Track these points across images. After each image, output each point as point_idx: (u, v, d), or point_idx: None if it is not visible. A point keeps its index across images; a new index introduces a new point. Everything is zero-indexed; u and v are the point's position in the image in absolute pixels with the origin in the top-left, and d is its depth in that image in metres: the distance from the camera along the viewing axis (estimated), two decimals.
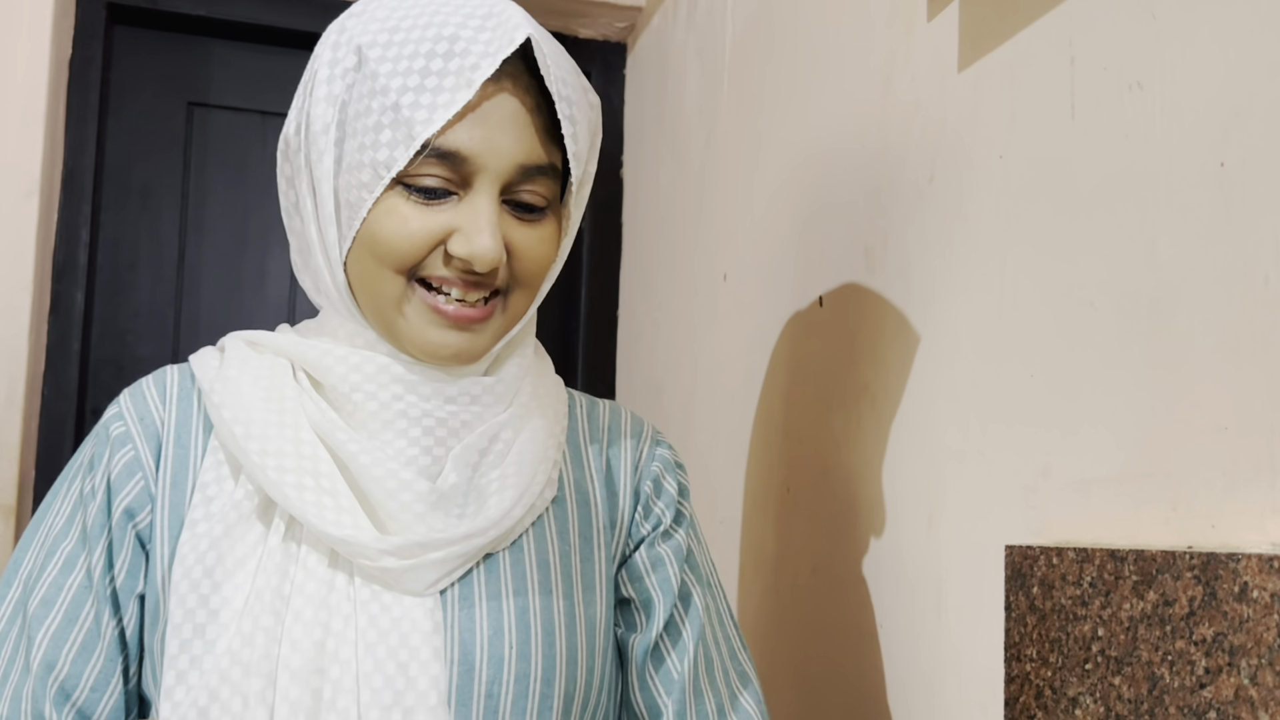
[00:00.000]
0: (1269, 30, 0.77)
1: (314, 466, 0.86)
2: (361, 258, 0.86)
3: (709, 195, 1.79)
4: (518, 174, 0.86)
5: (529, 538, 0.92)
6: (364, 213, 0.85)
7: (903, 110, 1.21)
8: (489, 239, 0.84)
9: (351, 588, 0.85)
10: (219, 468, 0.88)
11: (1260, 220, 0.76)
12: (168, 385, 0.93)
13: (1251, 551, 0.72)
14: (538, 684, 0.87)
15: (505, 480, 0.90)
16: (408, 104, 0.82)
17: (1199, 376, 0.80)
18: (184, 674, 0.82)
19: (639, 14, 2.22)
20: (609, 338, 2.27)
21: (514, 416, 0.92)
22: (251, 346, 0.93)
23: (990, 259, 1.05)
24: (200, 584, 0.83)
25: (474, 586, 0.88)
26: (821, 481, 1.33)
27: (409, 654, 0.84)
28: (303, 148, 0.88)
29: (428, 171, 0.83)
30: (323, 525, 0.84)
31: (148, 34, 2.17)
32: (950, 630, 1.07)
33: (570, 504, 0.96)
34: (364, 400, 0.88)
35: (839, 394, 1.30)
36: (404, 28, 0.84)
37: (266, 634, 0.82)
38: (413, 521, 0.86)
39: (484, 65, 0.82)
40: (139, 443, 0.90)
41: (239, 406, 0.87)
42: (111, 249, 2.13)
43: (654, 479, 1.00)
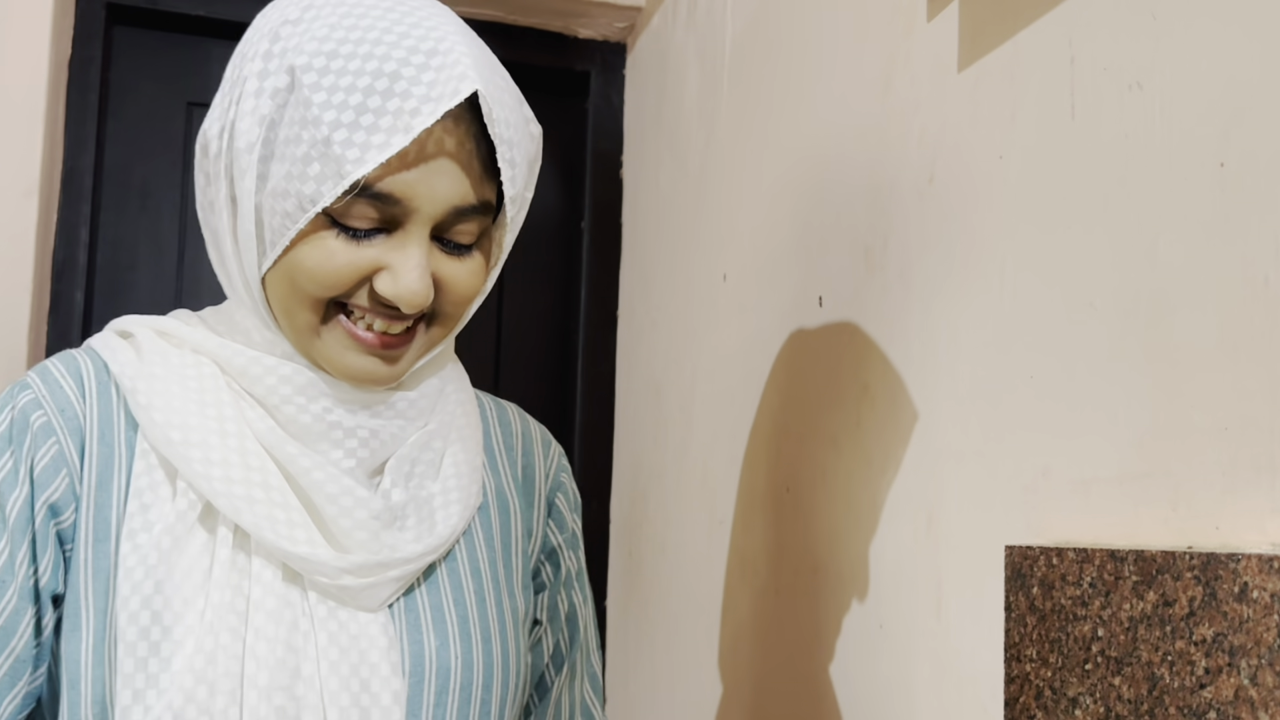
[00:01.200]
0: (1268, 30, 0.77)
1: (263, 479, 0.84)
2: (282, 281, 0.84)
3: (709, 196, 1.79)
4: (450, 216, 0.83)
5: (460, 547, 0.93)
6: (286, 241, 0.82)
7: (902, 111, 1.21)
8: (417, 283, 0.82)
9: (307, 604, 0.84)
10: (152, 473, 0.84)
11: (1260, 220, 0.76)
12: (84, 376, 0.88)
13: (1251, 552, 0.72)
14: (479, 690, 0.89)
15: (449, 495, 0.91)
16: (339, 140, 0.78)
17: (1199, 376, 0.80)
18: (141, 693, 0.79)
19: (639, 14, 2.22)
20: (609, 338, 2.27)
21: (442, 426, 0.93)
22: (165, 339, 0.90)
23: (990, 259, 1.05)
24: (152, 599, 0.81)
25: (418, 598, 0.89)
26: (821, 482, 1.33)
27: (369, 670, 0.84)
28: (224, 156, 0.85)
29: (358, 211, 0.81)
30: (278, 541, 0.82)
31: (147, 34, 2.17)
32: (950, 631, 1.07)
33: (493, 511, 0.97)
34: (296, 413, 0.86)
35: (839, 394, 1.30)
36: (342, 54, 0.80)
37: (227, 651, 0.80)
38: (366, 538, 0.85)
39: (424, 111, 0.78)
40: (62, 437, 0.85)
41: (171, 410, 0.85)
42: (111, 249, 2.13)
43: (563, 490, 1.04)
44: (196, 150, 0.89)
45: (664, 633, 1.86)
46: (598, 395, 2.25)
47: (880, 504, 1.21)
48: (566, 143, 2.32)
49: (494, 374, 2.25)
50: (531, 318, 2.30)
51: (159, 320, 0.91)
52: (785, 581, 1.41)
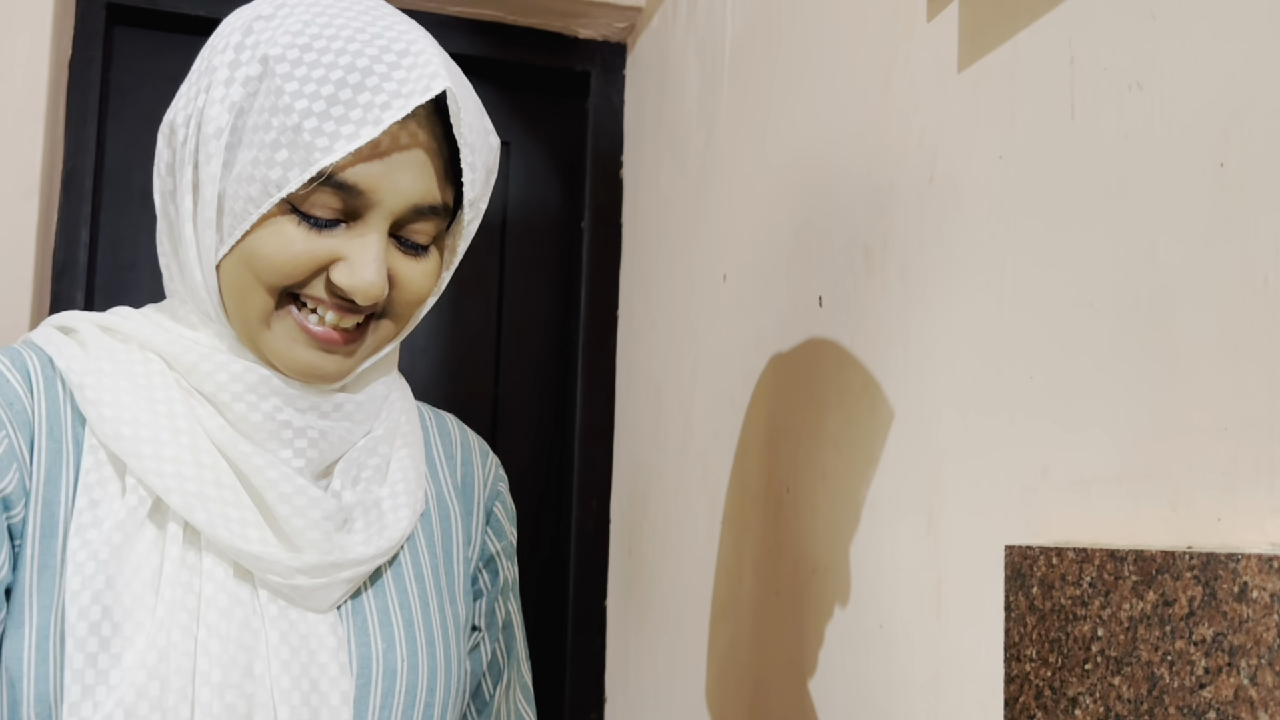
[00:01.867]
0: (1269, 30, 0.77)
1: (215, 477, 0.84)
2: (237, 268, 0.85)
3: (708, 196, 1.79)
4: (410, 213, 0.85)
5: (405, 552, 0.94)
6: (247, 225, 0.83)
7: (902, 111, 1.22)
8: (374, 275, 0.83)
9: (258, 602, 0.84)
10: (101, 468, 0.84)
11: (1260, 220, 0.76)
12: (30, 371, 0.86)
13: (1251, 551, 0.72)
14: (423, 692, 0.90)
15: (397, 499, 0.92)
16: (310, 128, 0.80)
17: (1198, 376, 0.80)
18: (91, 688, 0.79)
19: (639, 14, 2.22)
20: (608, 338, 2.27)
21: (388, 432, 0.94)
22: (109, 334, 0.89)
23: (990, 259, 1.05)
24: (103, 595, 0.80)
25: (365, 601, 0.90)
26: (821, 482, 1.33)
27: (319, 670, 0.85)
28: (190, 142, 0.86)
29: (320, 200, 0.82)
30: (231, 539, 0.82)
31: (148, 34, 2.17)
32: (950, 630, 1.07)
33: (434, 517, 0.99)
34: (246, 410, 0.86)
35: (838, 394, 1.30)
36: (316, 48, 0.82)
37: (179, 648, 0.80)
38: (318, 539, 0.86)
39: (395, 106, 0.81)
40: (11, 430, 0.83)
41: (121, 405, 0.84)
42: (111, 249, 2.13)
43: (501, 499, 1.06)
44: (159, 139, 0.90)
45: (664, 633, 1.86)
46: (598, 395, 2.25)
47: (880, 504, 1.21)
48: (566, 143, 2.33)
49: (494, 374, 2.25)
50: (531, 318, 2.30)
51: (101, 316, 0.91)
52: (785, 581, 1.41)
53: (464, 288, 2.23)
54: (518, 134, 2.31)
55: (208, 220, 0.85)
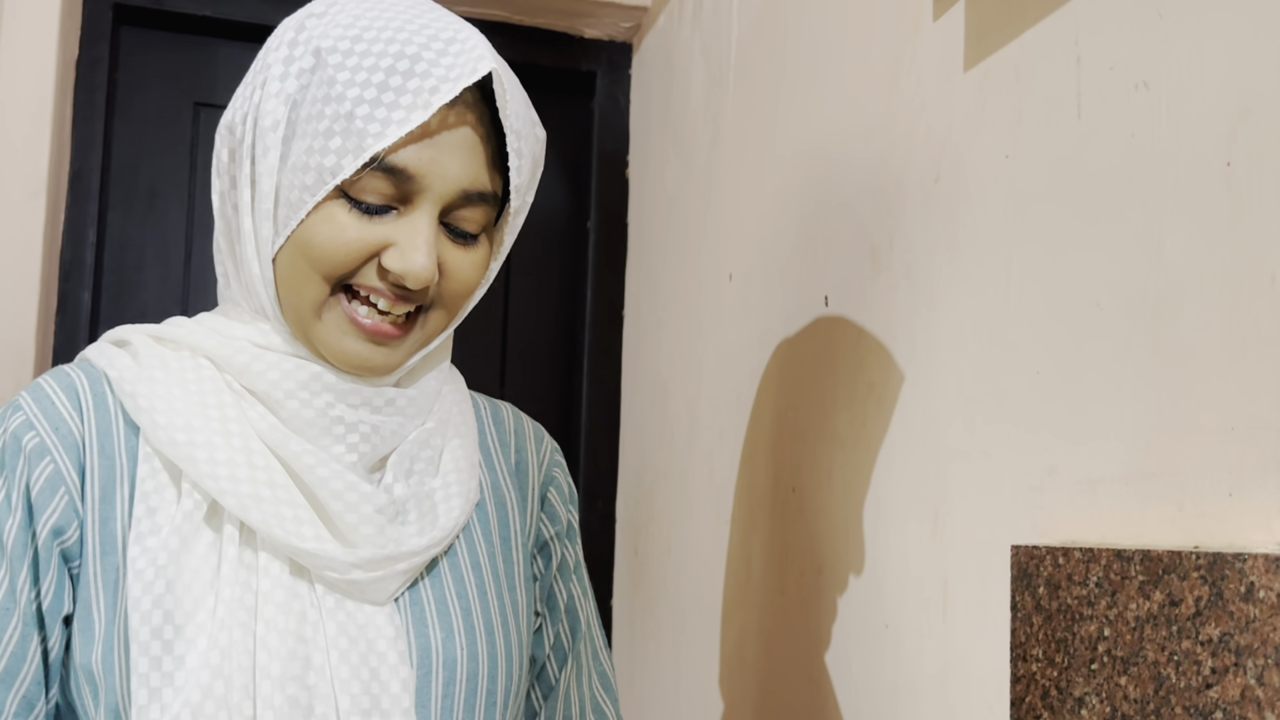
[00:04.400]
0: (1275, 30, 0.76)
1: (269, 477, 0.85)
2: (292, 258, 0.86)
3: (714, 195, 1.79)
4: (459, 199, 0.86)
5: (461, 542, 0.95)
6: (303, 214, 0.85)
7: (909, 110, 1.21)
8: (424, 258, 0.84)
9: (315, 595, 0.85)
10: (156, 476, 0.85)
11: (1267, 220, 0.76)
12: (79, 391, 0.88)
13: (1258, 551, 0.72)
14: (484, 681, 0.91)
15: (449, 489, 0.93)
16: (362, 115, 0.82)
17: (1205, 376, 0.80)
18: (157, 691, 0.80)
19: (644, 14, 2.22)
20: (614, 337, 2.27)
21: (440, 424, 0.95)
22: (161, 344, 0.91)
23: (996, 259, 1.05)
24: (164, 599, 0.81)
25: (422, 592, 0.91)
26: (827, 481, 1.33)
27: (378, 659, 0.85)
28: (247, 138, 0.88)
29: (372, 186, 0.84)
30: (287, 538, 0.83)
31: (154, 34, 2.18)
32: (956, 630, 1.07)
33: (490, 507, 0.99)
34: (299, 408, 0.87)
35: (845, 394, 1.30)
36: (366, 39, 0.84)
37: (239, 645, 0.81)
38: (372, 533, 0.86)
39: (444, 89, 0.83)
40: (58, 455, 0.85)
41: (174, 412, 0.86)
42: (118, 249, 2.13)
43: (555, 484, 1.06)
44: (217, 141, 0.92)
45: (670, 632, 1.86)
46: (603, 395, 2.25)
47: (886, 503, 1.21)
48: (572, 143, 2.33)
49: (500, 373, 2.26)
50: (537, 317, 2.30)
51: (153, 327, 0.92)
52: (791, 581, 1.41)
53: None
54: None
55: (265, 212, 0.86)
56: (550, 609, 1.04)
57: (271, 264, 0.88)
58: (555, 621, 1.05)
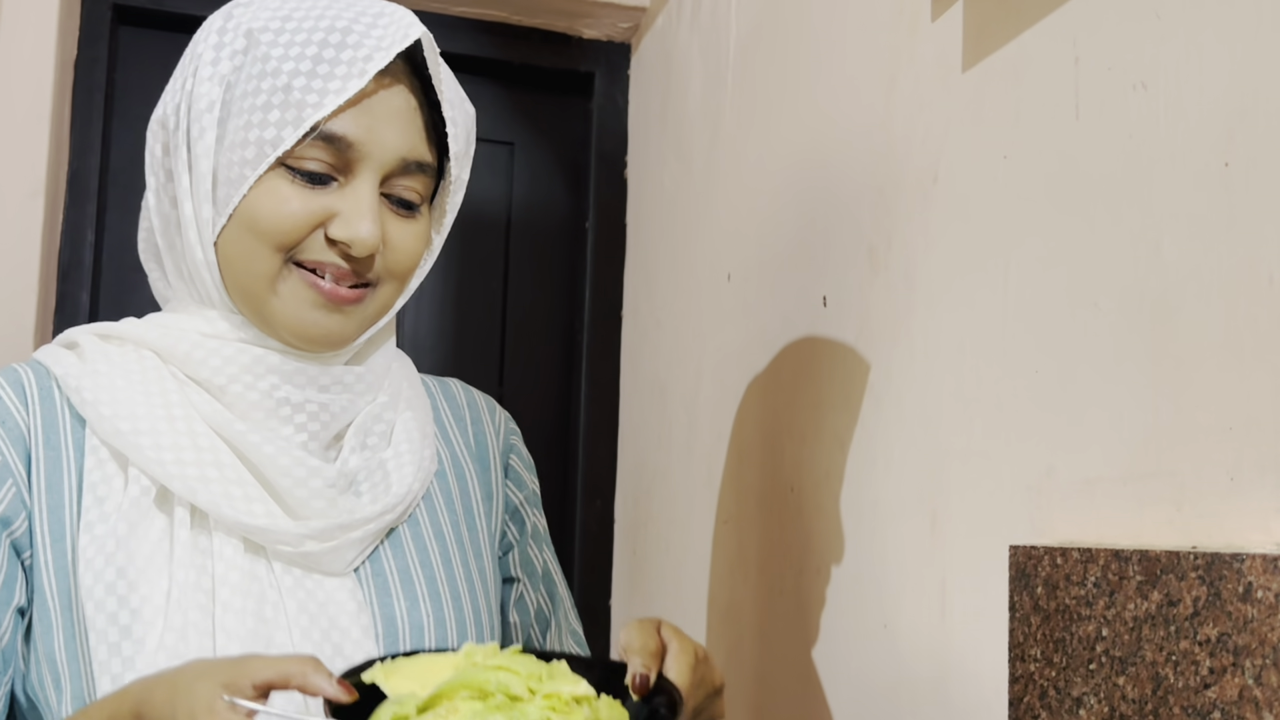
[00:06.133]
0: (1273, 30, 0.76)
1: (215, 458, 0.86)
2: (238, 236, 0.87)
3: (713, 195, 1.79)
4: (399, 167, 0.88)
5: (421, 511, 0.96)
6: (244, 189, 0.86)
7: (907, 110, 1.21)
8: (370, 224, 0.86)
9: (273, 575, 0.86)
10: (103, 466, 0.86)
11: (1264, 220, 0.76)
12: (25, 385, 0.89)
13: (1256, 552, 0.72)
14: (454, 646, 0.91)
15: (401, 458, 0.94)
16: (299, 86, 0.85)
17: (1203, 376, 0.80)
18: (118, 677, 0.80)
19: (643, 14, 2.22)
20: (613, 337, 2.27)
21: (392, 398, 0.96)
22: (106, 340, 0.92)
23: (994, 259, 1.05)
24: (115, 585, 0.82)
25: (383, 562, 0.92)
26: (825, 482, 1.33)
27: (340, 634, 0.86)
28: (181, 125, 0.89)
29: (312, 155, 0.86)
30: (237, 515, 0.84)
31: (153, 35, 2.18)
32: (954, 631, 1.07)
33: (450, 476, 1.01)
34: (244, 390, 0.88)
35: (842, 394, 1.30)
36: (296, 17, 0.87)
37: (197, 628, 0.82)
38: (324, 506, 0.88)
39: (377, 57, 0.86)
40: (4, 447, 0.86)
41: (117, 402, 0.87)
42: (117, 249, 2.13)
43: (516, 451, 1.08)
44: (149, 138, 0.93)
45: None
46: (602, 395, 2.25)
47: (884, 504, 1.21)
48: (571, 143, 2.33)
49: (498, 372, 2.26)
50: (536, 317, 2.30)
51: (101, 325, 0.94)
52: (789, 581, 1.41)
53: (468, 287, 2.24)
54: (522, 134, 2.31)
55: (205, 194, 0.88)
56: (529, 576, 1.06)
57: (214, 248, 0.89)
58: (535, 589, 1.06)
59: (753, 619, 1.50)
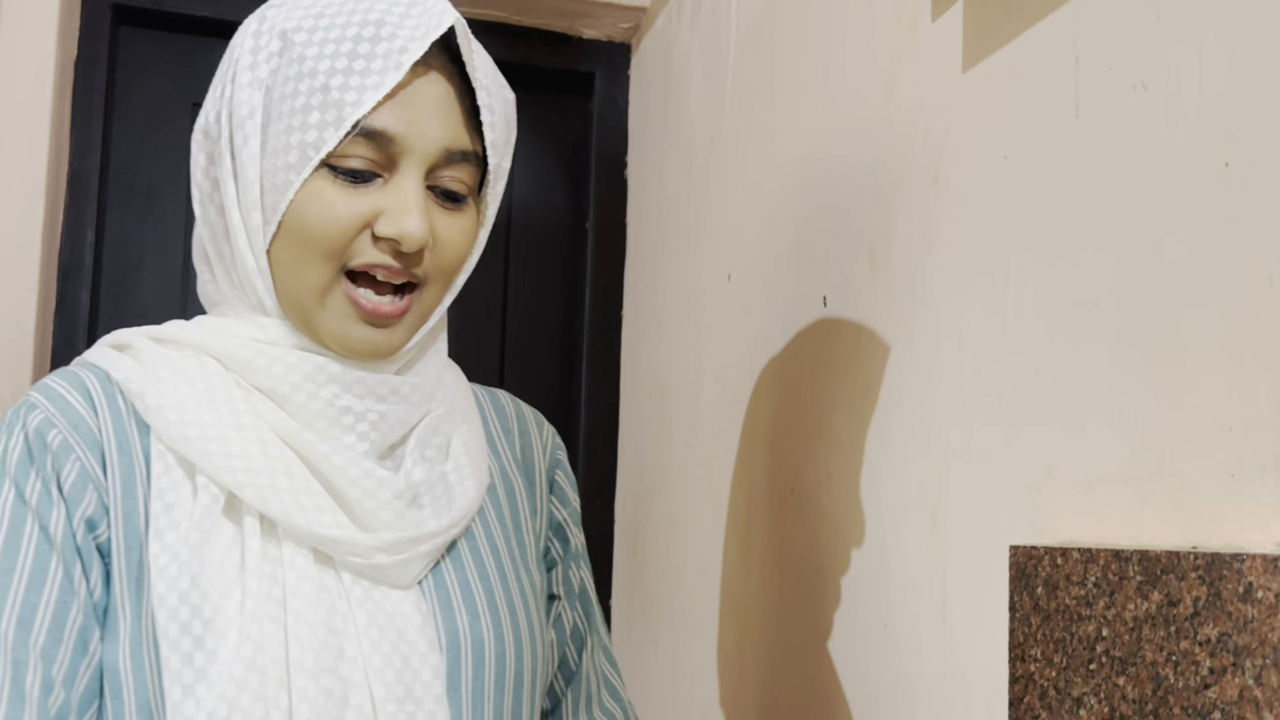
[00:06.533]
0: (1273, 30, 0.76)
1: (285, 467, 0.85)
2: (288, 244, 0.86)
3: (713, 196, 1.79)
4: (442, 158, 0.87)
5: (477, 525, 0.96)
6: (290, 195, 0.85)
7: (907, 110, 1.21)
8: (417, 217, 0.85)
9: (341, 585, 0.85)
10: (171, 473, 0.85)
11: (1264, 220, 0.76)
12: (90, 390, 0.88)
13: (1256, 552, 0.72)
14: (512, 661, 0.91)
15: (462, 472, 0.94)
16: (337, 85, 0.83)
17: (1203, 376, 0.80)
18: (191, 687, 0.80)
19: (643, 14, 2.22)
20: (613, 338, 2.27)
21: (448, 410, 0.96)
22: (161, 344, 0.91)
23: (994, 259, 1.05)
24: (189, 594, 0.81)
25: (445, 575, 0.91)
26: (826, 482, 1.33)
27: (408, 647, 0.85)
28: (224, 133, 0.88)
29: (354, 153, 0.84)
30: (309, 525, 0.84)
31: (153, 35, 2.18)
32: (954, 631, 1.07)
33: (500, 491, 1.00)
34: (306, 400, 0.87)
35: (843, 394, 1.30)
36: (329, 14, 0.86)
37: (271, 638, 0.81)
38: (391, 518, 0.87)
39: (412, 48, 0.84)
40: (82, 453, 0.85)
41: (183, 409, 0.85)
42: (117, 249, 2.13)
43: (561, 467, 1.07)
44: (193, 147, 0.92)
45: (668, 633, 1.86)
46: (602, 395, 2.25)
47: (884, 504, 1.21)
48: (571, 143, 2.33)
49: (499, 373, 2.26)
50: (536, 317, 2.30)
51: (151, 329, 0.92)
52: (789, 581, 1.41)
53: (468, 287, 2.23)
54: (522, 134, 2.30)
55: (253, 202, 0.87)
56: (567, 594, 1.05)
57: (266, 255, 0.88)
58: (572, 607, 1.06)
59: (753, 619, 1.50)
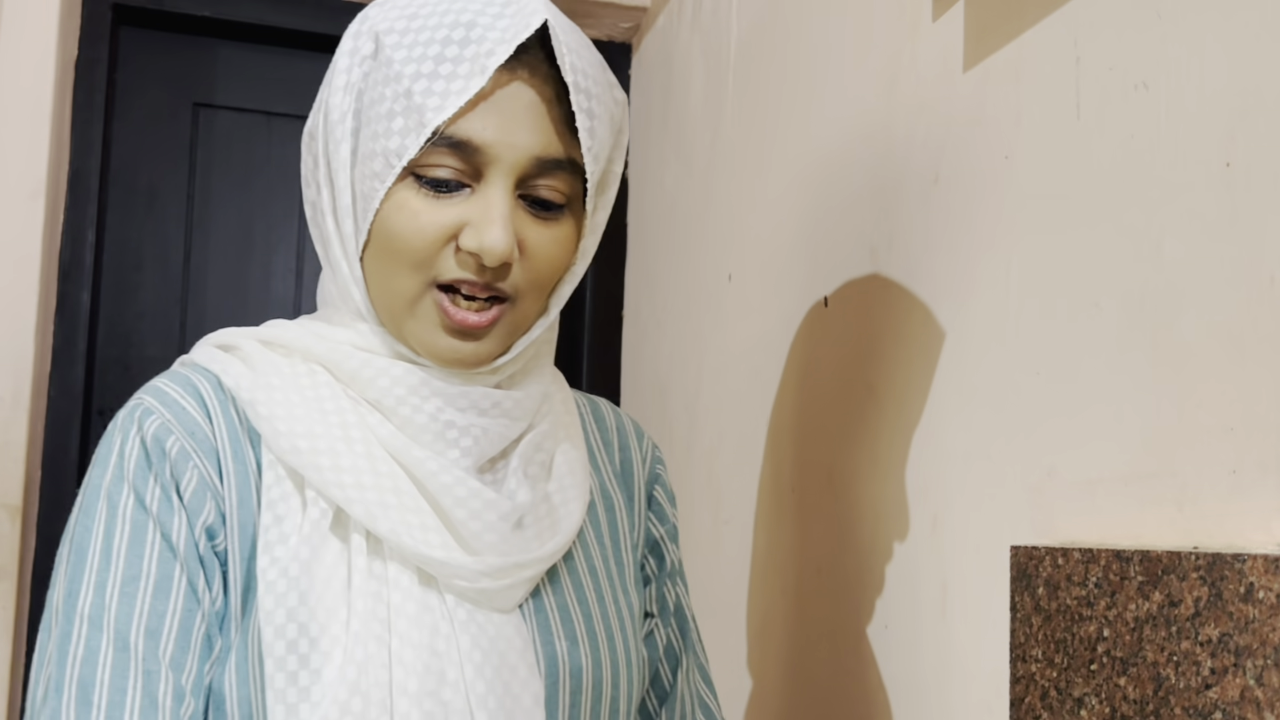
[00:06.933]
0: (1274, 30, 0.76)
1: (393, 484, 0.83)
2: (377, 254, 0.84)
3: (714, 196, 1.79)
4: (533, 167, 0.82)
5: (576, 545, 0.92)
6: (376, 204, 0.82)
7: (908, 110, 1.21)
8: (500, 231, 0.80)
9: (445, 607, 0.82)
10: (281, 484, 0.83)
11: (1266, 220, 0.76)
12: (204, 395, 0.86)
13: (1257, 552, 0.72)
14: (609, 688, 0.88)
15: (566, 493, 0.90)
16: (420, 91, 0.80)
17: (1204, 376, 0.80)
18: (294, 707, 0.78)
19: (644, 14, 2.22)
20: (614, 338, 2.27)
21: (552, 427, 0.92)
22: (271, 349, 0.88)
23: (996, 259, 1.05)
24: (297, 611, 0.79)
25: (544, 599, 0.88)
26: (827, 482, 1.33)
27: (509, 672, 0.83)
28: (320, 135, 0.86)
29: (440, 162, 0.81)
30: (416, 546, 0.81)
31: (153, 35, 2.18)
32: (955, 631, 1.07)
33: (599, 508, 0.97)
34: (411, 413, 0.85)
35: (844, 394, 1.30)
36: (422, 15, 0.82)
37: (375, 659, 0.79)
38: (496, 541, 0.84)
39: (499, 52, 0.79)
40: (199, 460, 0.83)
41: (294, 419, 0.83)
42: (117, 250, 2.13)
43: (660, 482, 1.03)
44: (302, 148, 0.90)
45: None
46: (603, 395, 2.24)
47: (885, 504, 1.20)
48: None
49: None
50: None
51: (259, 330, 0.90)
52: (790, 581, 1.41)
53: None
54: None
55: (345, 209, 0.84)
56: (661, 611, 1.02)
57: (360, 263, 0.85)
58: (666, 625, 1.02)
59: (754, 619, 1.50)
